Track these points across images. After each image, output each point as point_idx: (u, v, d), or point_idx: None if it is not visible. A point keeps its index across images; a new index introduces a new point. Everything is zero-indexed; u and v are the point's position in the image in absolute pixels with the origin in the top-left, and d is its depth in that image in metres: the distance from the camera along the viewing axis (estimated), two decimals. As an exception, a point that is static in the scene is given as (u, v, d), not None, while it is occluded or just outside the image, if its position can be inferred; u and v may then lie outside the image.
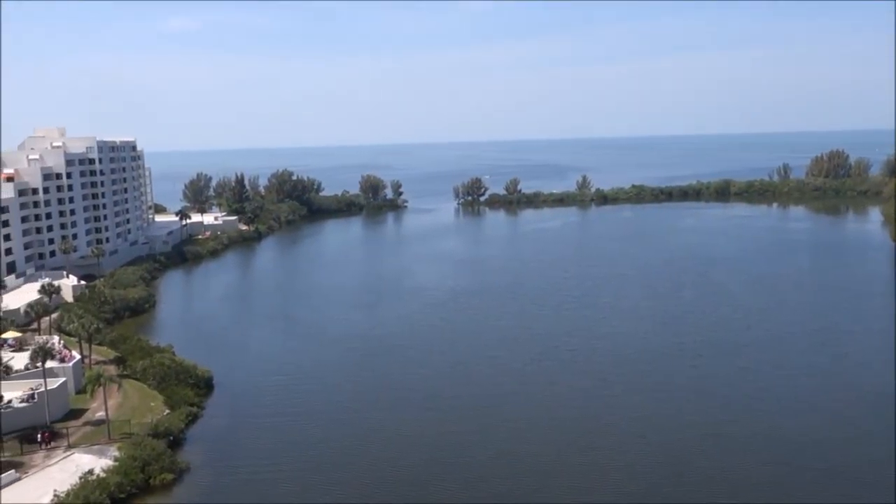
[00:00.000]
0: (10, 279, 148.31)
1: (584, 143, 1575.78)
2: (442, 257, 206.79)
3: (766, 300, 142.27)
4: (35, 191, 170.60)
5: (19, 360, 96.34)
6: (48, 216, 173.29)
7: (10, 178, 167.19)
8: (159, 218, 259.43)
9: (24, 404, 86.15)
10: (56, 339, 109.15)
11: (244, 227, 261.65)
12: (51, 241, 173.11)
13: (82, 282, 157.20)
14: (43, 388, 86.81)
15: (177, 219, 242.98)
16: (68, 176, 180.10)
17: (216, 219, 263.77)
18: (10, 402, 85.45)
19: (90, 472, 72.00)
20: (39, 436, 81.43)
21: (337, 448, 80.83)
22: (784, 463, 73.61)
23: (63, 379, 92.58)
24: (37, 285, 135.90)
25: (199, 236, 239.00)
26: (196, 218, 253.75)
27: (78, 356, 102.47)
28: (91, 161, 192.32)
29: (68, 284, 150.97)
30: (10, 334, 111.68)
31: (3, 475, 72.20)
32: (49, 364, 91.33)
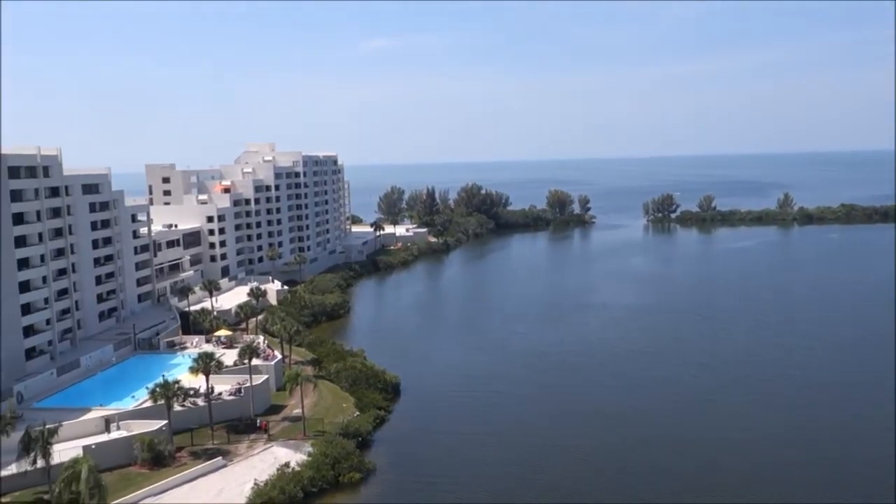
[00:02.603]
0: (223, 282, 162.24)
1: (777, 158, 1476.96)
2: (628, 274, 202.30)
3: None
4: (247, 201, 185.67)
5: (229, 357, 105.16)
6: (258, 225, 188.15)
7: (226, 190, 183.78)
8: (355, 228, 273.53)
9: (231, 397, 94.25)
10: (261, 338, 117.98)
11: (433, 240, 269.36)
12: (259, 248, 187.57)
13: (285, 286, 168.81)
14: (248, 384, 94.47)
15: (371, 230, 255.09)
16: (276, 188, 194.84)
17: (407, 230, 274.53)
18: (220, 394, 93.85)
19: (286, 464, 77.31)
20: (259, 422, 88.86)
21: (514, 464, 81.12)
22: None
23: (266, 376, 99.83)
24: (246, 288, 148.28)
25: (391, 247, 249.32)
26: (389, 229, 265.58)
27: (279, 356, 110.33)
28: (297, 174, 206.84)
29: (273, 288, 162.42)
30: (223, 332, 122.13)
31: (212, 461, 79.38)
32: (254, 362, 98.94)
